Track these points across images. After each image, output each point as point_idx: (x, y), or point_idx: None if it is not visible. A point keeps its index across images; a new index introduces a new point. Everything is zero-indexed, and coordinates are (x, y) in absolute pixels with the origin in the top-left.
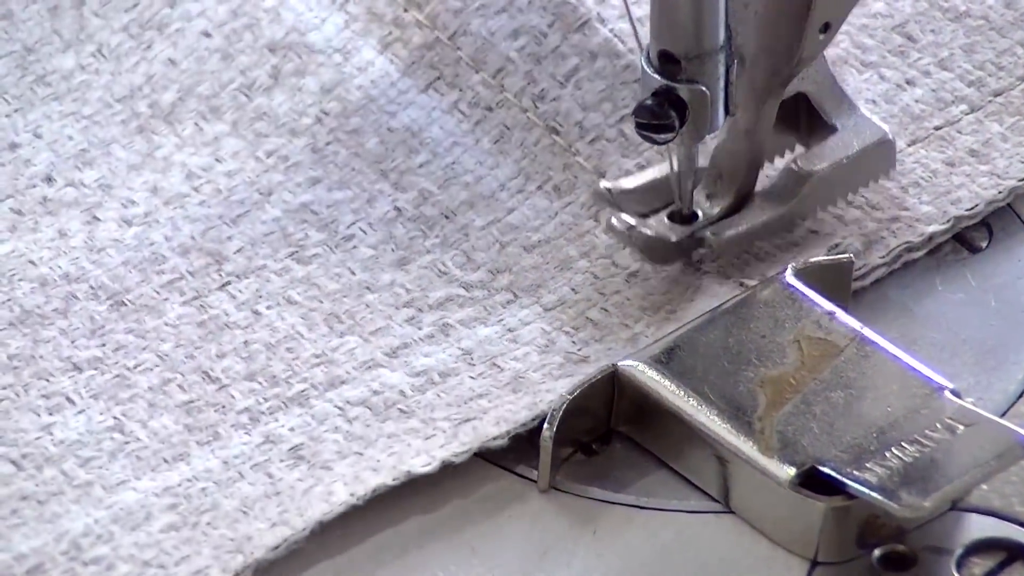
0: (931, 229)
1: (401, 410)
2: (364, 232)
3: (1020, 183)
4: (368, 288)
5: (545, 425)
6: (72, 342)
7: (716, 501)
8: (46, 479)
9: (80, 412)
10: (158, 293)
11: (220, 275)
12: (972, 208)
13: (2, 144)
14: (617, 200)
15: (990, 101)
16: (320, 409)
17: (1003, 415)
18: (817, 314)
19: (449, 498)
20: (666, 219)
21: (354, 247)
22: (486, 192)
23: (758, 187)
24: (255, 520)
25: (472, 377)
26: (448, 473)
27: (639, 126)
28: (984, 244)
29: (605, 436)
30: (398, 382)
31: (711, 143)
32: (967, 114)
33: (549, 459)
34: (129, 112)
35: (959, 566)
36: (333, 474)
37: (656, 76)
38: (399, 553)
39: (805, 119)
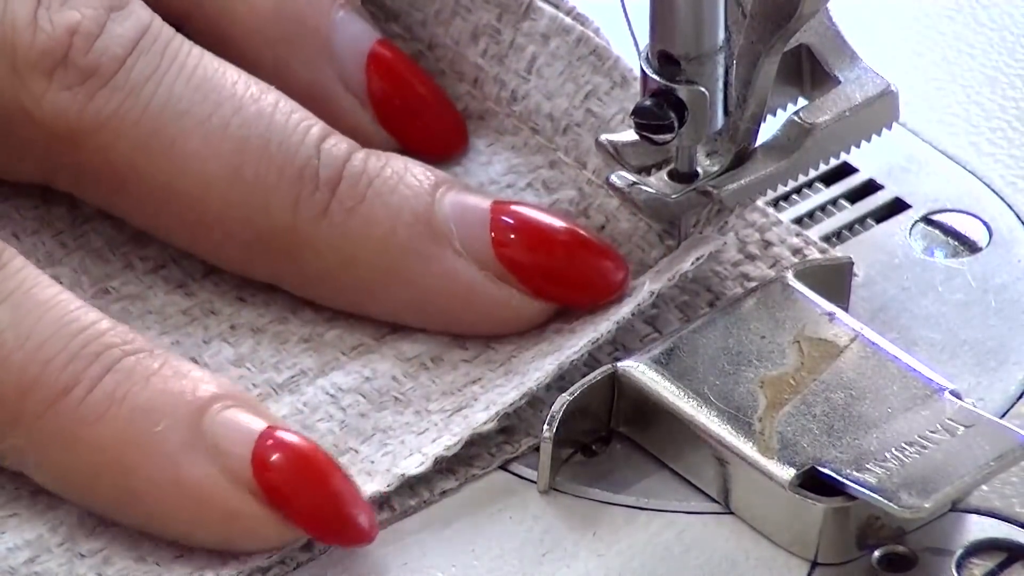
0: None
1: (396, 398)
2: None
3: None
4: None
5: (545, 426)
6: None
7: (716, 502)
8: None
9: None
10: (141, 280)
11: (205, 264)
12: None
13: None
14: (619, 153)
15: None
16: (312, 396)
17: (1003, 416)
18: (817, 315)
19: (449, 498)
20: (666, 176)
21: None
22: (474, 183)
23: (760, 140)
24: None
25: (466, 360)
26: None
27: (638, 126)
28: (984, 244)
29: (605, 437)
30: (390, 368)
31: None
32: None
33: (549, 460)
34: None
35: (959, 567)
36: None
37: (655, 77)
38: (399, 554)
39: (808, 71)
